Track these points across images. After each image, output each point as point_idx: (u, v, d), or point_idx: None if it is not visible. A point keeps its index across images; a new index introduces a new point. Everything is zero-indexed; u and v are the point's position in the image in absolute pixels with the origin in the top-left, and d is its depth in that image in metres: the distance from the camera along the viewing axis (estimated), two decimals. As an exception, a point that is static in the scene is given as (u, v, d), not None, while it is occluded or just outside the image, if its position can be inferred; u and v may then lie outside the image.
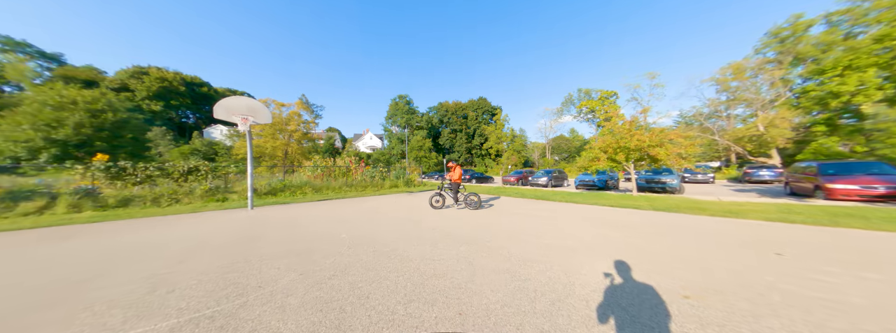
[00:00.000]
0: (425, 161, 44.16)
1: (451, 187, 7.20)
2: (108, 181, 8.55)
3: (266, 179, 12.29)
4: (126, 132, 24.43)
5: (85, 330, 1.85)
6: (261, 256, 3.39)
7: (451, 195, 7.15)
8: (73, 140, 20.54)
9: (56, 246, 4.03)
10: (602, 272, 2.71)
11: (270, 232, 4.78)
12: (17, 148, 19.07)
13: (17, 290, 2.51)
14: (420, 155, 44.21)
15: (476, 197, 7.03)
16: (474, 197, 7.03)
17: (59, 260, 3.36)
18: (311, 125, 26.41)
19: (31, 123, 19.45)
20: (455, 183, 7.18)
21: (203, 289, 2.46)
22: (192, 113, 50.53)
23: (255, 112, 6.91)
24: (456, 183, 7.17)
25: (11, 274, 2.95)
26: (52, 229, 5.35)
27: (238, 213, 7.00)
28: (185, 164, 9.93)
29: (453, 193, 7.10)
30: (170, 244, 4.05)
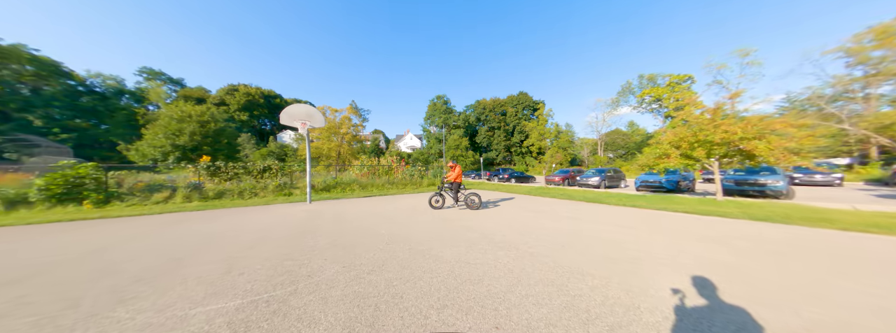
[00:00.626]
0: (462, 160, 43.99)
1: (451, 186, 6.99)
2: (209, 177, 10.49)
3: (322, 177, 13.67)
4: (223, 138, 29.91)
5: (177, 302, 2.18)
6: (313, 247, 3.68)
7: (451, 195, 6.95)
8: (188, 145, 25.97)
9: (171, 229, 5.02)
10: (678, 295, 2.19)
11: (323, 224, 5.21)
12: (155, 152, 24.92)
13: (138, 263, 3.15)
14: (457, 154, 44.18)
15: (477, 198, 6.77)
16: (475, 197, 6.77)
17: (171, 240, 4.16)
18: (360, 128, 28.57)
19: (164, 133, 25.20)
20: (455, 182, 6.96)
21: (264, 274, 2.74)
22: (268, 121, 59.49)
23: (312, 117, 7.68)
24: (456, 183, 6.97)
25: (138, 250, 3.74)
26: (171, 215, 6.74)
27: (299, 206, 7.88)
28: (261, 164, 11.61)
29: (453, 193, 6.91)
30: (246, 231, 4.70)
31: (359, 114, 29.53)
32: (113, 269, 2.93)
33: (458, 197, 6.90)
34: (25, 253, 3.62)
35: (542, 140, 45.49)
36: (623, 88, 41.39)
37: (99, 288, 2.45)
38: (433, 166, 18.39)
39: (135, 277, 2.70)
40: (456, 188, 6.92)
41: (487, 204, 8.07)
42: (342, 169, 17.94)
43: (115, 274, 2.78)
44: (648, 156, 9.17)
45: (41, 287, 2.49)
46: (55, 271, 2.91)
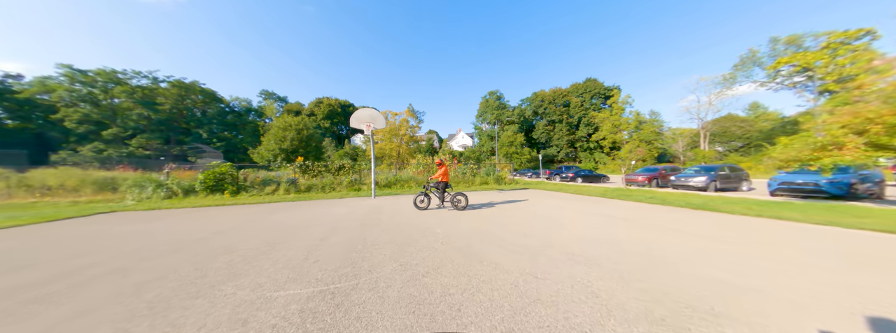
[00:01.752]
0: (516, 157, 41.28)
1: (437, 186, 6.62)
2: (302, 174, 12.54)
3: (384, 174, 14.80)
4: (313, 142, 35.87)
5: (266, 283, 2.44)
6: (374, 241, 3.79)
7: (438, 195, 6.61)
8: (289, 148, 32.06)
9: (273, 216, 6.05)
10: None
11: (383, 218, 5.46)
12: (268, 154, 31.62)
13: (247, 244, 3.77)
14: (511, 151, 41.63)
15: (463, 198, 6.45)
16: (461, 198, 6.45)
17: (272, 225, 4.96)
18: (416, 129, 30.08)
19: (274, 139, 31.74)
20: (441, 182, 6.57)
21: (332, 264, 2.89)
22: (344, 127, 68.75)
23: (375, 120, 8.26)
24: (443, 183, 6.57)
25: (250, 232, 4.53)
26: (275, 204, 8.22)
27: (366, 200, 8.60)
28: (338, 163, 13.26)
29: (440, 193, 6.56)
30: (324, 221, 5.27)
31: (415, 116, 31.10)
32: (231, 248, 3.58)
33: (444, 198, 6.58)
34: (184, 230, 4.83)
35: (617, 132, 37.93)
36: (743, 59, 29.00)
37: (220, 263, 2.98)
38: (485, 164, 17.80)
39: (243, 256, 3.22)
40: (442, 188, 6.58)
41: (540, 207, 7.19)
42: (401, 168, 19.14)
43: (231, 253, 3.37)
44: (798, 146, 6.45)
45: (185, 259, 3.18)
46: (197, 246, 3.73)
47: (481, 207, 6.98)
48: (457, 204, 6.33)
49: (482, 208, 6.83)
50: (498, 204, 7.63)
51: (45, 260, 3.18)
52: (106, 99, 34.56)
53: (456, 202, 6.33)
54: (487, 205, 7.30)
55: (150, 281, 2.50)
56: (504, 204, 7.46)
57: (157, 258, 3.20)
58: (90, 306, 2.05)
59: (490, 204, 7.69)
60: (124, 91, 34.93)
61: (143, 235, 4.36)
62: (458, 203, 6.33)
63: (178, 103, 40.34)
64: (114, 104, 34.98)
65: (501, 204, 7.62)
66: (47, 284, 2.46)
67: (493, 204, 7.67)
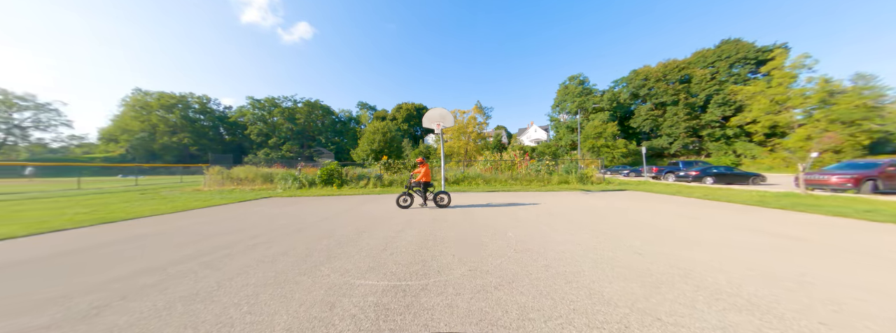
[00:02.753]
0: (606, 151, 33.20)
1: (419, 186, 6.46)
2: (385, 171, 14.26)
3: (453, 171, 15.10)
4: (394, 143, 40.75)
5: (352, 269, 2.66)
6: (443, 239, 3.72)
7: (420, 194, 6.42)
8: (377, 149, 37.44)
9: (363, 206, 6.97)
10: None
11: (451, 215, 5.40)
12: (363, 154, 37.86)
13: (343, 231, 4.36)
14: (598, 144, 33.81)
15: (446, 196, 6.46)
16: (444, 196, 6.46)
17: (362, 215, 5.67)
18: (483, 125, 29.58)
19: (366, 142, 37.75)
20: (423, 182, 6.44)
21: (405, 258, 2.94)
22: (419, 128, 75.14)
23: (444, 118, 8.38)
24: (425, 183, 6.44)
25: (346, 220, 5.29)
26: (366, 196, 9.55)
27: (436, 197, 8.90)
28: (413, 160, 14.37)
29: (422, 192, 6.41)
30: (400, 214, 5.67)
31: (483, 113, 30.59)
32: (331, 233, 4.22)
33: (426, 197, 6.44)
34: (305, 214, 6.08)
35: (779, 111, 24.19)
36: None
37: (322, 245, 3.51)
38: (564, 160, 15.61)
39: (338, 241, 3.71)
40: (425, 188, 6.44)
41: (649, 215, 5.53)
42: (468, 165, 19.15)
43: (331, 237, 3.96)
44: None
45: (301, 240, 3.91)
46: (311, 229, 4.57)
47: (559, 212, 6.02)
48: (440, 202, 6.40)
49: (559, 212, 5.88)
50: (581, 208, 6.42)
51: (226, 230, 4.56)
52: (269, 118, 49.21)
53: (439, 200, 6.42)
54: (567, 210, 6.24)
55: (279, 255, 3.15)
56: (591, 209, 6.21)
57: (287, 236, 4.08)
58: (242, 270, 2.71)
59: (569, 208, 6.56)
60: (279, 111, 48.85)
61: (284, 216, 5.75)
62: (440, 201, 6.40)
63: (308, 117, 53.37)
64: (274, 121, 49.44)
65: (585, 209, 6.38)
66: (222, 249, 3.46)
67: (573, 208, 6.51)
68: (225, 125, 49.53)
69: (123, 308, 1.94)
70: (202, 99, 48.35)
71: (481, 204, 7.11)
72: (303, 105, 52.59)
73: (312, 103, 54.59)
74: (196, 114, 47.13)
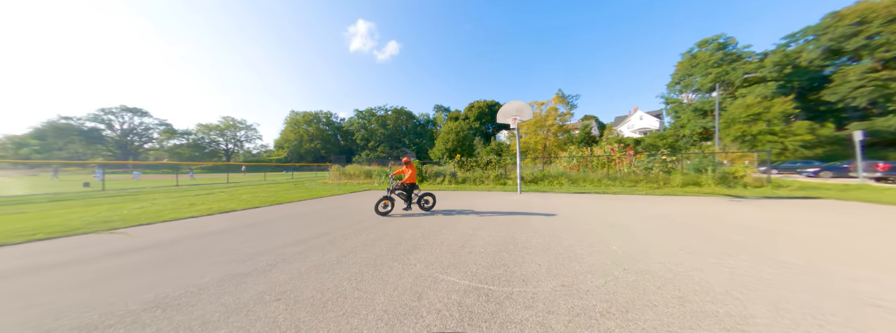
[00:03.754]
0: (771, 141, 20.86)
1: (403, 188, 5.58)
2: (459, 168, 14.67)
3: (529, 169, 13.92)
4: (466, 142, 41.67)
5: (434, 263, 2.75)
6: (525, 244, 3.37)
7: (404, 197, 5.60)
8: (451, 148, 39.20)
9: (442, 202, 7.33)
10: None
11: (532, 221, 4.89)
12: (438, 153, 40.51)
13: (426, 225, 4.65)
14: (753, 130, 21.85)
15: (431, 198, 5.74)
16: (429, 198, 5.71)
17: (443, 208, 5.94)
18: (567, 116, 25.97)
19: (441, 142, 40.17)
20: (408, 183, 5.57)
21: (484, 259, 2.79)
22: (490, 125, 73.97)
23: (521, 111, 7.73)
24: (410, 184, 5.58)
25: (422, 216, 5.64)
26: (444, 192, 10.05)
27: (511, 196, 8.39)
28: (485, 158, 14.16)
29: (406, 194, 5.56)
30: (475, 212, 5.60)
31: (566, 102, 26.84)
32: (419, 224, 4.57)
33: (411, 199, 5.63)
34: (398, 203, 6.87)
35: None
36: None
37: (410, 235, 3.83)
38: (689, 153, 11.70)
39: (423, 234, 3.96)
40: (409, 190, 5.59)
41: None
42: (548, 162, 17.23)
43: (418, 227, 4.28)
44: None
45: (393, 229, 4.38)
46: (400, 220, 5.10)
47: (689, 223, 4.47)
48: (424, 205, 5.67)
49: (690, 224, 4.35)
50: (730, 222, 4.55)
51: (341, 215, 5.65)
52: (368, 125, 59.71)
53: (423, 203, 5.69)
54: (701, 221, 4.55)
55: (377, 240, 3.63)
56: (749, 224, 4.33)
57: (382, 223, 4.70)
58: (352, 250, 3.24)
59: (706, 219, 4.75)
60: (375, 119, 58.58)
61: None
62: (425, 204, 5.69)
63: (396, 123, 61.67)
64: (371, 128, 59.69)
65: (738, 223, 4.48)
66: (339, 230, 4.27)
67: (713, 219, 4.68)
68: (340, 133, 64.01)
69: (284, 268, 2.64)
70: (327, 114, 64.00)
71: (566, 205, 6.17)
72: (392, 112, 61.38)
73: (398, 110, 62.82)
74: (324, 125, 62.91)
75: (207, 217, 5.47)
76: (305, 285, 2.25)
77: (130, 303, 1.95)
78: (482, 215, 5.24)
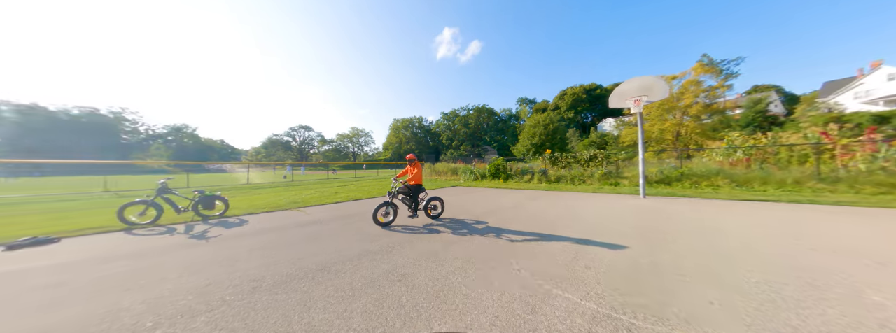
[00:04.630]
0: None
1: (407, 192, 4.38)
2: (551, 165, 13.11)
3: (655, 166, 10.65)
4: (557, 135, 37.00)
5: (539, 271, 2.42)
6: (672, 266, 2.47)
7: (407, 202, 4.42)
8: (538, 143, 35.87)
9: (534, 202, 6.69)
10: None
11: (673, 228, 3.59)
12: (523, 149, 37.96)
13: (517, 226, 4.30)
14: None
15: (439, 203, 4.69)
16: (436, 203, 4.67)
17: (534, 212, 5.41)
18: (719, 91, 18.32)
19: (527, 137, 37.42)
20: (414, 185, 4.41)
21: (613, 280, 2.21)
22: (589, 113, 62.55)
23: (649, 89, 5.90)
24: (416, 186, 4.43)
25: (518, 215, 5.24)
26: (531, 191, 9.25)
27: (629, 200, 6.62)
28: (587, 153, 11.95)
29: (411, 199, 4.39)
30: (581, 218, 4.72)
31: (716, 70, 18.95)
32: (510, 222, 4.30)
33: (416, 206, 4.39)
34: (485, 201, 6.82)
35: None
36: None
37: (505, 238, 3.62)
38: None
39: (520, 237, 3.66)
40: (415, 193, 4.39)
41: None
42: (685, 155, 12.66)
43: (511, 225, 4.02)
44: None
45: (486, 227, 4.29)
46: (492, 216, 4.97)
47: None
48: (431, 212, 4.67)
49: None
50: None
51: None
52: (452, 125, 63.45)
53: (431, 209, 4.67)
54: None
55: (475, 236, 3.64)
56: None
57: (480, 217, 4.72)
58: (452, 241, 3.36)
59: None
60: (458, 120, 61.61)
61: (473, 202, 6.88)
62: (432, 210, 4.69)
63: (477, 121, 62.72)
64: (455, 128, 63.17)
65: None
66: (438, 222, 4.55)
67: None
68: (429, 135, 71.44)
69: (400, 252, 3.02)
70: (419, 119, 72.89)
71: (735, 221, 4.22)
72: (473, 111, 62.76)
73: (480, 108, 63.45)
74: (416, 129, 72.07)
75: (345, 202, 7.22)
76: (418, 271, 2.47)
77: (309, 264, 2.72)
78: (589, 220, 4.35)
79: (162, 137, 57.32)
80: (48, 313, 1.84)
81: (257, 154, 66.53)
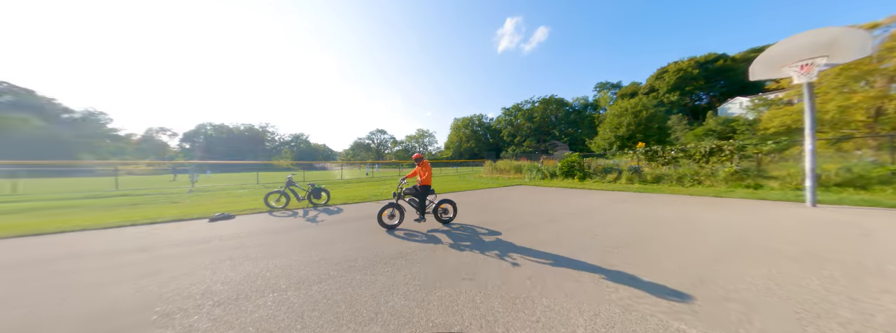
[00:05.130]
0: None
1: (414, 193, 4.08)
2: (646, 161, 10.69)
3: (838, 163, 7.17)
4: (653, 123, 29.92)
5: (643, 296, 1.96)
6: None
7: (416, 205, 4.07)
8: (626, 135, 29.91)
9: (619, 206, 5.59)
10: None
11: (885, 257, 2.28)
12: (603, 143, 32.39)
13: (611, 229, 3.64)
14: None
15: (450, 206, 4.23)
16: (448, 206, 4.22)
17: (623, 216, 4.50)
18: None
19: (609, 128, 31.76)
20: (423, 186, 4.07)
21: (781, 326, 1.57)
22: (704, 93, 47.87)
23: (831, 46, 3.92)
24: (424, 187, 4.08)
25: (604, 219, 4.47)
26: (617, 193, 7.77)
27: (785, 209, 4.67)
28: (707, 145, 9.15)
29: (419, 201, 4.04)
30: (701, 230, 3.62)
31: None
32: (591, 232, 3.71)
33: (424, 209, 4.05)
34: (553, 205, 6.15)
35: None
36: None
37: (589, 246, 3.14)
38: None
39: (604, 246, 3.10)
40: (423, 195, 4.05)
41: None
42: (889, 144, 8.03)
43: (593, 238, 3.45)
44: None
45: (562, 233, 3.83)
46: (566, 220, 4.42)
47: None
48: (442, 216, 4.12)
49: None
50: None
51: (507, 208, 5.83)
52: (514, 121, 60.32)
53: (441, 213, 4.12)
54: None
55: (549, 242, 3.31)
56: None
57: (556, 220, 4.30)
58: (531, 240, 3.14)
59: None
60: (521, 114, 58.13)
61: (536, 203, 6.35)
62: (443, 214, 4.13)
63: (543, 114, 57.62)
64: (517, 123, 59.84)
65: None
66: (509, 222, 4.35)
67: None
68: (489, 132, 70.30)
69: (466, 249, 3.04)
70: (479, 116, 72.61)
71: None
72: (539, 104, 57.77)
73: (546, 99, 57.82)
74: (476, 127, 72.06)
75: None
76: (489, 271, 2.40)
77: (386, 252, 3.05)
78: (724, 235, 3.27)
79: (288, 144, 76.97)
80: (235, 265, 2.69)
81: (347, 155, 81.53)
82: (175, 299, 1.99)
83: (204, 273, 2.49)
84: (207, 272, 2.50)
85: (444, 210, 4.22)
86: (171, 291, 2.11)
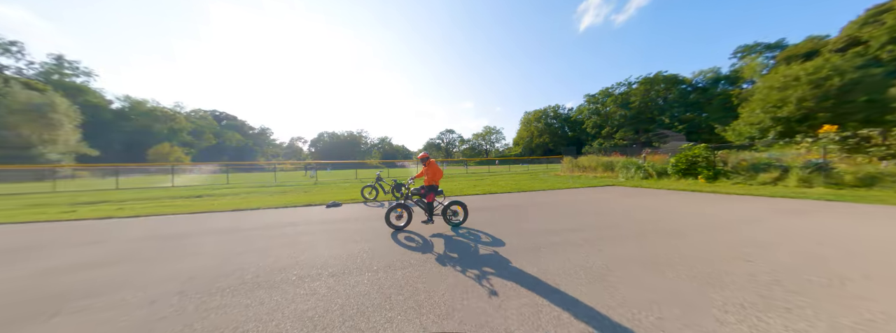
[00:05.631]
0: None
1: (421, 193, 3.99)
2: (844, 154, 7.01)
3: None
4: (856, 95, 19.27)
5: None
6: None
7: (423, 206, 3.98)
8: (795, 115, 20.48)
9: (794, 219, 3.86)
10: None
11: None
12: (751, 129, 23.19)
13: (771, 253, 2.59)
14: None
15: (461, 208, 4.05)
16: (458, 208, 4.05)
17: (806, 237, 3.08)
18: None
19: (761, 107, 22.48)
20: (429, 187, 3.95)
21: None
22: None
23: None
24: (432, 187, 3.94)
25: (756, 235, 3.19)
26: (784, 200, 5.40)
27: None
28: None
29: (426, 203, 3.93)
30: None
31: None
32: (745, 257, 2.72)
33: (432, 210, 3.90)
34: (671, 214, 4.83)
35: None
36: None
37: (735, 278, 2.32)
38: None
39: (764, 282, 2.21)
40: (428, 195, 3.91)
41: None
42: None
43: (747, 263, 2.52)
44: None
45: (687, 253, 2.97)
46: (688, 236, 3.40)
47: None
48: (451, 218, 4.00)
49: None
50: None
51: (589, 211, 5.02)
52: (602, 109, 51.05)
53: (451, 215, 4.01)
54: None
55: (663, 265, 2.65)
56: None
57: (665, 238, 3.44)
58: (620, 257, 2.62)
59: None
60: (612, 100, 48.67)
61: (638, 209, 5.18)
62: (452, 216, 4.01)
63: (644, 97, 46.39)
64: (606, 112, 50.43)
65: None
66: (589, 231, 3.74)
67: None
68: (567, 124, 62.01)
69: (545, 256, 2.78)
70: (554, 108, 65.15)
71: None
72: (638, 85, 46.57)
73: (649, 78, 45.91)
74: (551, 120, 64.98)
75: (484, 195, 7.82)
76: (571, 281, 2.12)
77: (481, 249, 3.13)
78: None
79: (376, 145, 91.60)
80: (343, 244, 3.38)
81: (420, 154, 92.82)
82: (305, 266, 2.63)
83: (323, 248, 3.21)
84: (325, 248, 3.22)
85: (454, 212, 4.09)
86: (304, 260, 2.82)
